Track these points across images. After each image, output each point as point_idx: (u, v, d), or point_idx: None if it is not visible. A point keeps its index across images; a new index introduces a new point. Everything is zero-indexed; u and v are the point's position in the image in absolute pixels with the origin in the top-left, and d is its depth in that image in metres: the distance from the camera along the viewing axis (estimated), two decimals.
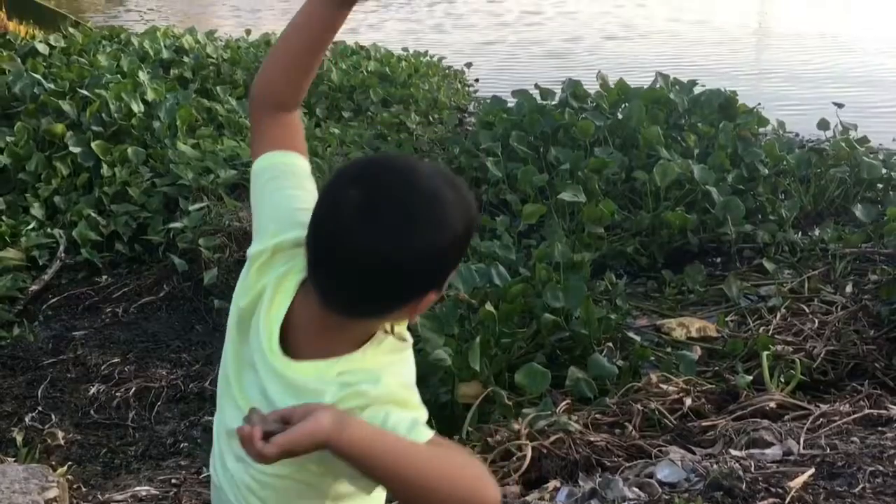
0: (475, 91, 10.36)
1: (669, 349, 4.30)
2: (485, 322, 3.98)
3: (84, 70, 7.26)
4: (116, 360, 4.72)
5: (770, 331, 4.38)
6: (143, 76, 7.19)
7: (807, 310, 4.63)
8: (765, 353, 4.03)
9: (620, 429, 3.50)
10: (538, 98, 7.11)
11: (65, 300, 5.38)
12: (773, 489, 2.88)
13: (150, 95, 6.77)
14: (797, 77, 11.28)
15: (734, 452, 3.17)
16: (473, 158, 6.52)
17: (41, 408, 4.32)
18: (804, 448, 3.20)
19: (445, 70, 10.48)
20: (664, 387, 3.77)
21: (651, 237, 5.62)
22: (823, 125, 7.02)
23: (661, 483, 2.98)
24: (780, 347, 4.19)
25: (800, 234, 5.69)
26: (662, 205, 5.71)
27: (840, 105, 7.16)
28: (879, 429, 3.39)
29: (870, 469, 2.98)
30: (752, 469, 3.02)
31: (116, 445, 4.09)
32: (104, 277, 5.61)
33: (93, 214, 5.80)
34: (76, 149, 6.13)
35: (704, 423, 3.52)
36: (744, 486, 2.87)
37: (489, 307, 3.98)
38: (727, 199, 5.60)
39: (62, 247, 5.65)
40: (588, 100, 7.09)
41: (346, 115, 8.31)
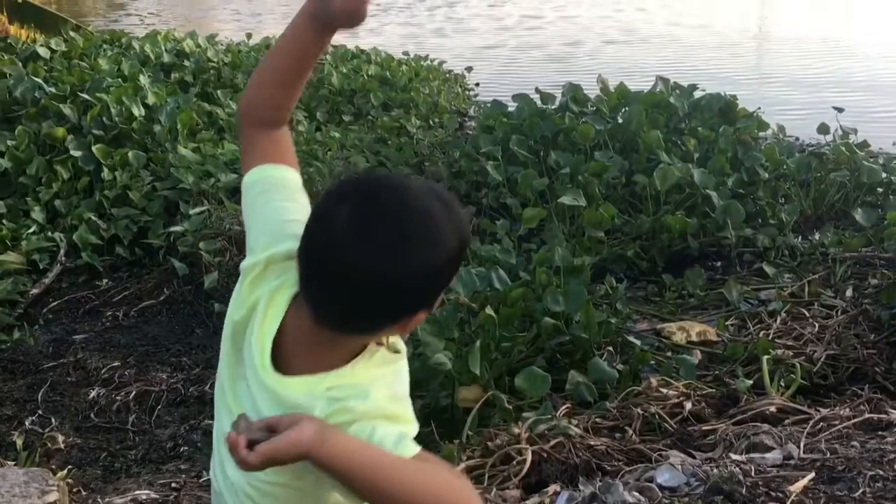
0: (475, 95, 10.38)
1: (670, 353, 4.31)
2: (485, 326, 3.98)
3: (85, 74, 7.27)
4: (117, 364, 4.72)
5: (770, 335, 4.38)
6: (144, 80, 7.20)
7: (807, 314, 4.63)
8: (765, 358, 4.03)
9: (621, 433, 3.49)
10: (538, 102, 7.13)
11: (65, 304, 5.39)
12: (774, 493, 2.87)
13: (151, 99, 6.78)
14: (797, 81, 11.29)
15: (734, 457, 3.16)
16: (474, 162, 6.53)
17: (41, 411, 4.32)
18: (804, 452, 3.19)
19: (446, 74, 10.50)
20: (664, 391, 3.77)
21: (651, 241, 5.63)
22: (823, 129, 7.04)
23: (662, 487, 2.97)
24: (781, 351, 4.18)
25: (800, 239, 5.70)
26: (663, 209, 5.72)
27: (840, 109, 7.18)
28: (880, 433, 3.39)
29: (870, 473, 2.98)
30: (753, 473, 3.01)
31: (116, 449, 4.09)
32: (105, 281, 5.62)
33: (93, 218, 5.80)
34: (77, 152, 6.14)
35: (705, 428, 3.52)
36: (744, 491, 2.87)
37: (489, 311, 3.98)
38: (727, 203, 5.61)
39: (63, 250, 5.66)
40: (588, 104, 7.10)
41: (347, 119, 8.33)
